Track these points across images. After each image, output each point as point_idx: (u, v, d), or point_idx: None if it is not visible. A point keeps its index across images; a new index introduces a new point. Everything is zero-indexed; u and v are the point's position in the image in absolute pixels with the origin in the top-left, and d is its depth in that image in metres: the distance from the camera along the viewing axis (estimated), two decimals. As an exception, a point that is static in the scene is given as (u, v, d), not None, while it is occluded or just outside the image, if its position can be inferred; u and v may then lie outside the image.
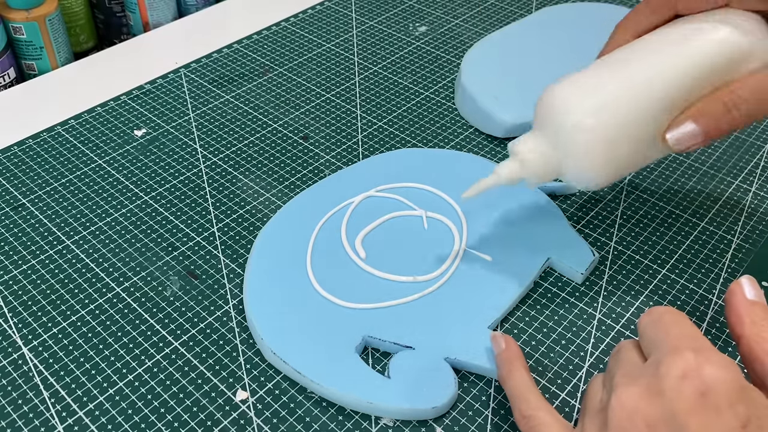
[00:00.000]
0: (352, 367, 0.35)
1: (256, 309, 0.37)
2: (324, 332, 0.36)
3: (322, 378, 0.34)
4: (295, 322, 0.37)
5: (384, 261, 0.40)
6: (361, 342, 0.36)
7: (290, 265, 0.40)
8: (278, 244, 0.41)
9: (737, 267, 0.41)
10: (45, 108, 0.54)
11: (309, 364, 0.35)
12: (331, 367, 0.35)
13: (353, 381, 0.34)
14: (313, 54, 0.60)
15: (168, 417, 0.34)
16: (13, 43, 0.58)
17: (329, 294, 0.38)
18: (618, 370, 0.28)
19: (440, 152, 0.48)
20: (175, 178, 0.47)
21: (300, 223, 0.42)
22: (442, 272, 0.40)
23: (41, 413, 0.34)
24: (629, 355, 0.28)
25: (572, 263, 0.40)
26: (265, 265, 0.40)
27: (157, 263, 0.41)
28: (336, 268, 0.40)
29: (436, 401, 0.34)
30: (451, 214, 0.43)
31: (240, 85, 0.56)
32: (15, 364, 0.36)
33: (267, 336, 0.36)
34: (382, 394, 0.34)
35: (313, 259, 0.40)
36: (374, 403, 0.34)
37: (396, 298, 0.38)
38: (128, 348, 0.37)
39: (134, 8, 0.64)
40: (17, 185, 0.47)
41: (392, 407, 0.34)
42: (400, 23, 0.64)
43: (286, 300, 0.38)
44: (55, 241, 0.43)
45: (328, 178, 0.46)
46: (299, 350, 0.36)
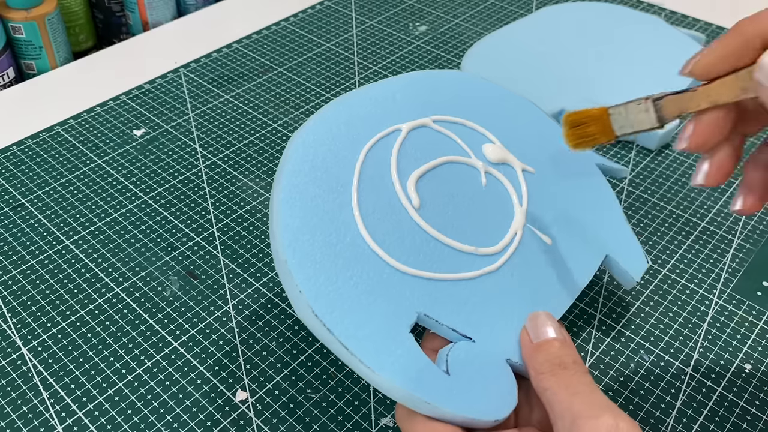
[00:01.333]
0: (408, 352, 0.28)
1: (291, 245, 0.29)
2: (374, 299, 0.29)
3: (372, 359, 0.28)
4: (339, 278, 0.29)
5: (438, 217, 0.33)
6: (415, 320, 0.30)
7: (332, 198, 0.31)
8: (317, 162, 0.32)
9: (738, 267, 0.41)
10: (44, 108, 0.54)
11: (357, 339, 0.28)
12: (382, 347, 0.28)
13: (409, 371, 0.28)
14: (312, 54, 0.60)
15: (167, 417, 0.34)
16: (12, 42, 0.58)
17: (380, 248, 0.31)
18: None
19: (510, 95, 0.40)
20: (174, 178, 0.47)
21: (342, 139, 0.33)
22: (503, 248, 0.33)
23: (40, 413, 0.34)
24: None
25: (628, 267, 0.36)
26: (300, 189, 0.31)
27: (157, 263, 0.41)
28: (385, 215, 0.32)
29: (498, 412, 0.28)
30: (511, 174, 0.36)
31: (240, 85, 0.56)
32: (14, 365, 0.36)
33: (307, 289, 0.29)
34: (444, 397, 0.28)
35: (359, 196, 0.32)
36: (433, 404, 0.27)
37: (455, 270, 0.32)
38: (128, 348, 0.37)
39: (133, 8, 0.64)
40: (16, 185, 0.47)
41: (450, 414, 0.28)
42: (400, 23, 0.64)
43: (327, 244, 0.30)
44: (54, 241, 0.43)
45: (371, 86, 0.36)
46: (345, 317, 0.29)
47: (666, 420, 0.34)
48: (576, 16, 0.59)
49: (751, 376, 0.36)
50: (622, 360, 0.37)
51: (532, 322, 0.30)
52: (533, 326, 0.30)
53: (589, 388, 0.27)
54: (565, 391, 0.27)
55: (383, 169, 0.33)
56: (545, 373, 0.28)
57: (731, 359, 0.36)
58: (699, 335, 0.38)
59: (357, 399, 0.35)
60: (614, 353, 0.37)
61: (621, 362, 0.36)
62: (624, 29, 0.57)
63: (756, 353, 0.37)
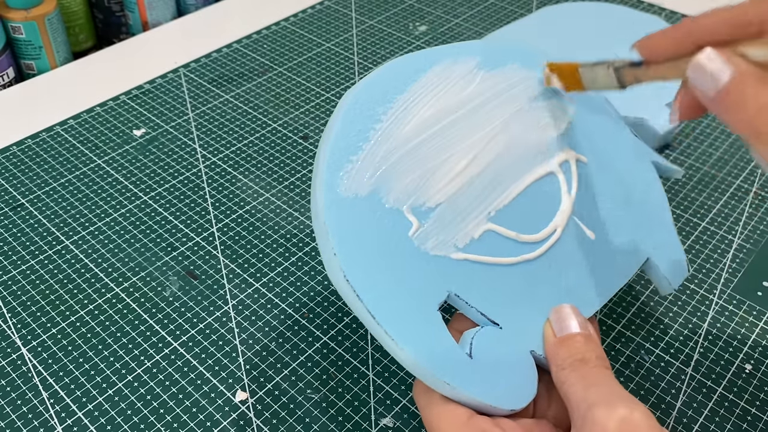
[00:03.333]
0: (434, 330, 0.28)
1: (330, 206, 0.29)
2: (407, 272, 0.29)
3: (398, 333, 0.27)
4: (375, 247, 0.29)
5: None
6: (445, 299, 0.30)
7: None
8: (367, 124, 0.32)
9: (738, 267, 0.41)
10: (44, 108, 0.54)
11: (385, 309, 0.28)
12: (409, 321, 0.28)
13: (433, 349, 0.28)
14: (312, 53, 0.60)
15: (167, 418, 0.34)
16: (12, 42, 0.58)
17: (419, 221, 0.31)
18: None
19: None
20: (174, 178, 0.47)
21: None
22: (545, 237, 0.33)
23: (40, 414, 0.34)
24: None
25: (668, 273, 0.35)
26: (347, 150, 0.31)
27: (157, 263, 0.41)
28: None
29: (516, 402, 0.28)
30: (563, 163, 0.35)
31: (239, 85, 0.56)
32: (14, 365, 0.36)
33: (342, 252, 0.28)
34: (465, 379, 0.28)
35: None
36: (452, 386, 0.27)
37: (493, 253, 0.31)
38: (127, 348, 0.37)
39: (133, 8, 0.64)
40: (16, 185, 0.47)
41: (468, 397, 0.28)
42: (400, 23, 0.64)
43: (368, 210, 0.30)
44: (54, 241, 0.43)
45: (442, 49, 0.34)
46: (376, 286, 0.28)
47: (666, 420, 0.34)
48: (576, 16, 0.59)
49: (752, 376, 0.36)
50: (622, 360, 0.36)
51: (556, 315, 0.30)
52: (557, 320, 0.30)
53: (608, 381, 0.27)
54: (582, 382, 0.27)
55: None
56: (566, 368, 0.28)
57: (731, 359, 0.36)
58: (699, 335, 0.38)
59: (357, 399, 0.35)
60: (614, 353, 0.37)
61: (621, 362, 0.36)
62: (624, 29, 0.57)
63: (756, 353, 0.37)
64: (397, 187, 0.31)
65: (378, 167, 0.31)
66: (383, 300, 0.28)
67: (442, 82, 0.33)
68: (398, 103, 0.32)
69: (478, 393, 0.28)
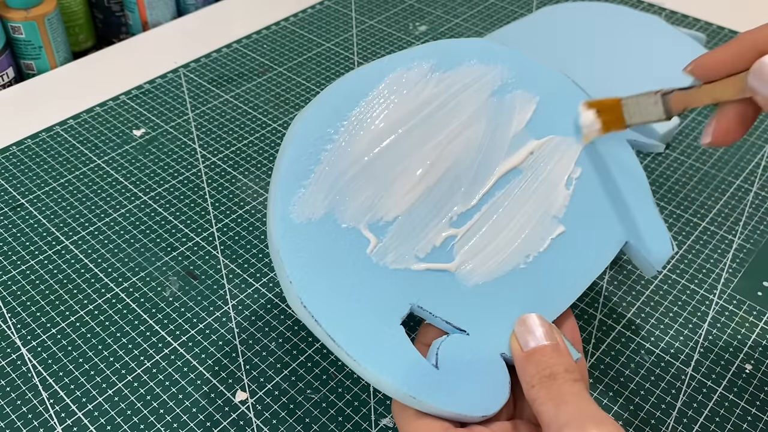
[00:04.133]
0: (397, 345, 0.28)
1: (284, 235, 0.29)
2: (366, 290, 0.29)
3: (359, 352, 0.28)
4: (330, 268, 0.29)
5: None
6: (407, 311, 0.30)
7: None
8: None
9: (738, 267, 0.41)
10: (44, 108, 0.54)
11: (345, 330, 0.28)
12: (370, 340, 0.28)
13: (396, 365, 0.28)
14: (312, 53, 0.60)
15: (167, 418, 0.34)
16: (12, 42, 0.58)
17: (374, 237, 0.30)
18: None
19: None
20: (174, 178, 0.47)
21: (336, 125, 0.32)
22: None
23: (40, 414, 0.34)
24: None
25: (650, 255, 0.34)
26: (299, 176, 0.30)
27: (156, 263, 0.41)
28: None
29: (486, 408, 0.28)
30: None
31: (239, 85, 0.56)
32: (14, 365, 0.36)
33: (297, 279, 0.28)
34: (430, 391, 0.28)
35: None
36: (418, 399, 0.27)
37: (449, 259, 0.31)
38: (127, 348, 0.37)
39: (133, 8, 0.64)
40: (16, 185, 0.47)
41: (436, 408, 0.27)
42: (400, 23, 0.64)
43: (321, 233, 0.30)
44: (54, 241, 0.43)
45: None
46: (334, 308, 0.28)
47: (666, 420, 0.34)
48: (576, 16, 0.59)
49: (752, 376, 0.36)
50: (623, 360, 0.36)
51: (521, 327, 0.29)
52: (522, 332, 0.29)
53: (578, 397, 0.26)
54: (552, 401, 0.26)
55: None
56: (535, 385, 0.27)
57: (731, 359, 0.36)
58: (699, 335, 0.38)
59: (357, 399, 0.35)
60: (614, 353, 0.37)
61: (621, 362, 0.36)
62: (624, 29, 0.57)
63: (756, 353, 0.37)
64: (352, 205, 0.30)
65: (331, 188, 0.30)
66: (343, 321, 0.28)
67: (395, 92, 0.33)
68: (350, 120, 0.32)
69: (446, 403, 0.28)
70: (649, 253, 0.34)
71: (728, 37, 0.62)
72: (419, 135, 0.32)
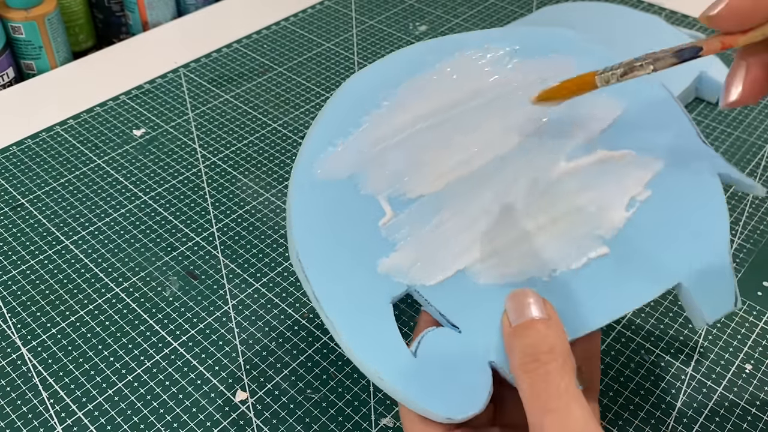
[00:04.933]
0: (381, 322, 0.27)
1: (304, 188, 0.29)
2: (366, 260, 0.28)
3: (339, 318, 0.27)
4: (337, 230, 0.29)
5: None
6: (404, 292, 0.28)
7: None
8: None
9: (738, 267, 0.41)
10: (44, 108, 0.54)
11: (332, 294, 0.28)
12: (355, 309, 0.27)
13: (374, 341, 0.27)
14: (312, 53, 0.60)
15: (167, 417, 0.34)
16: (12, 42, 0.58)
17: (389, 206, 0.29)
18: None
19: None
20: (174, 178, 0.47)
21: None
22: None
23: (40, 414, 0.34)
24: None
25: (704, 305, 0.29)
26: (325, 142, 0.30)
27: (157, 263, 0.41)
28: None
29: (453, 411, 0.26)
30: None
31: (239, 85, 0.56)
32: (14, 365, 0.36)
33: (300, 231, 0.28)
34: (399, 376, 0.26)
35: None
36: (385, 381, 0.26)
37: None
38: (127, 348, 0.37)
39: (133, 8, 0.64)
40: (16, 185, 0.47)
41: (400, 393, 0.26)
42: (400, 22, 0.64)
43: (339, 194, 0.29)
44: (54, 241, 0.43)
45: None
46: (328, 269, 0.28)
47: (666, 420, 0.34)
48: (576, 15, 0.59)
49: (752, 376, 0.36)
50: (622, 360, 0.36)
51: (513, 301, 0.27)
52: (514, 306, 0.27)
53: (564, 402, 0.24)
54: (537, 402, 0.24)
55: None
56: (519, 365, 0.25)
57: (731, 359, 0.36)
58: (699, 335, 0.38)
59: (357, 399, 0.35)
60: (614, 353, 0.37)
61: (621, 362, 0.36)
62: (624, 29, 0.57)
63: (756, 353, 0.37)
64: (377, 175, 0.30)
65: (361, 153, 0.30)
66: (332, 285, 0.28)
67: (459, 71, 0.31)
68: (402, 91, 0.31)
69: (411, 393, 0.26)
70: (704, 303, 0.30)
71: (728, 37, 0.62)
72: (472, 120, 0.31)
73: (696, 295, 0.29)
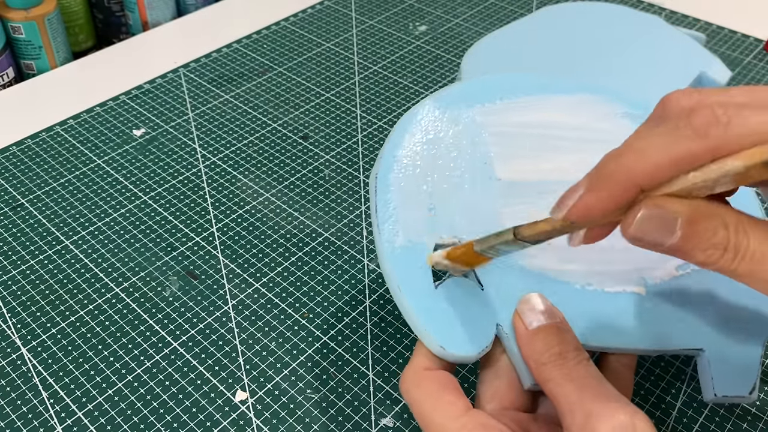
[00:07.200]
0: (418, 246, 0.30)
1: (424, 110, 0.33)
2: (424, 200, 0.31)
3: (388, 232, 0.30)
4: (430, 155, 0.32)
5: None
6: (452, 238, 0.31)
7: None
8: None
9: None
10: (44, 108, 0.54)
11: (389, 206, 0.30)
12: (401, 231, 0.30)
13: (405, 259, 0.29)
14: (312, 53, 0.60)
15: (167, 418, 0.34)
16: (12, 42, 0.58)
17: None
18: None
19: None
20: (174, 178, 0.47)
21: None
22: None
23: (40, 414, 0.34)
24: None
25: (717, 380, 0.30)
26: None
27: (157, 263, 0.41)
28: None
29: (452, 343, 0.27)
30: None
31: (239, 85, 0.56)
32: (14, 365, 0.36)
33: (389, 150, 0.32)
34: (415, 294, 0.28)
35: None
36: (402, 293, 0.28)
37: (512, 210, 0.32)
38: (127, 348, 0.37)
39: (133, 8, 0.64)
40: (16, 185, 0.47)
41: (409, 309, 0.28)
42: (400, 22, 0.64)
43: (449, 132, 0.33)
44: (54, 241, 0.43)
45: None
46: (398, 184, 0.31)
47: (666, 420, 0.34)
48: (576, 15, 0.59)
49: (752, 376, 0.36)
50: (623, 360, 0.36)
51: (525, 305, 0.28)
52: (526, 310, 0.28)
53: (597, 380, 0.26)
54: (571, 384, 0.26)
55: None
56: (546, 363, 0.27)
57: (731, 359, 0.36)
58: (699, 335, 0.38)
59: (357, 399, 0.35)
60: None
61: (621, 362, 0.36)
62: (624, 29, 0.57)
63: (756, 353, 0.37)
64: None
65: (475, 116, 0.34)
66: (391, 198, 0.30)
67: (579, 106, 0.36)
68: (524, 96, 0.36)
69: (420, 313, 0.28)
70: (718, 379, 0.30)
71: (728, 37, 0.62)
72: (571, 147, 0.35)
73: (714, 371, 0.30)
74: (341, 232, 0.43)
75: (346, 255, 0.42)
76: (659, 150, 0.22)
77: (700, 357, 0.30)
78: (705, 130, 0.21)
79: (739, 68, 0.58)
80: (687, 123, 0.22)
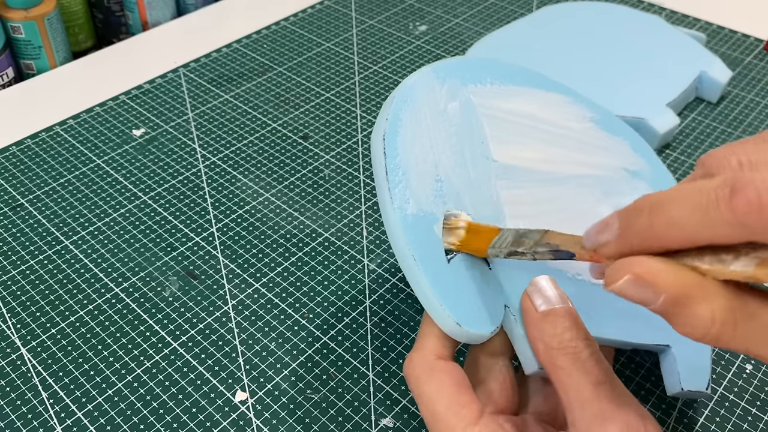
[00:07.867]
0: (429, 217, 0.29)
1: (421, 82, 0.33)
2: (447, 162, 0.32)
3: (398, 198, 0.29)
4: (418, 117, 0.32)
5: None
6: (459, 210, 0.31)
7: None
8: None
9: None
10: (43, 108, 0.54)
11: (400, 171, 0.30)
12: (415, 200, 0.29)
13: (416, 225, 0.29)
14: (312, 53, 0.60)
15: (167, 418, 0.34)
16: (11, 42, 0.58)
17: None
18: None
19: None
20: (174, 178, 0.47)
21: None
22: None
23: (40, 414, 0.34)
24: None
25: (684, 372, 0.31)
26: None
27: (156, 263, 0.41)
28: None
29: (461, 315, 0.27)
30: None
31: (239, 85, 0.56)
32: (14, 365, 0.36)
33: (393, 118, 0.31)
34: (428, 266, 0.28)
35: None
36: (416, 261, 0.28)
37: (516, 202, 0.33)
38: (127, 349, 0.37)
39: (133, 7, 0.64)
40: (16, 185, 0.46)
41: (418, 275, 0.28)
42: (400, 22, 0.64)
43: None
44: (53, 241, 0.43)
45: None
46: (405, 151, 0.30)
47: (666, 420, 0.34)
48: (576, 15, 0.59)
49: (752, 376, 0.36)
50: (623, 360, 0.36)
51: (535, 287, 0.28)
52: (536, 292, 0.27)
53: (610, 377, 0.25)
54: (586, 378, 0.25)
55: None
56: (556, 348, 0.26)
57: (732, 359, 0.36)
58: (699, 335, 0.38)
59: (357, 399, 0.35)
60: (614, 353, 0.37)
61: (621, 362, 0.36)
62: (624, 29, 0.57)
63: (756, 353, 0.37)
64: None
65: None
66: (399, 167, 0.29)
67: (550, 104, 0.37)
68: (514, 86, 0.37)
69: (432, 280, 0.27)
70: (683, 374, 0.32)
71: (728, 37, 0.62)
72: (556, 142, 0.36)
73: (680, 363, 0.32)
74: (341, 232, 0.43)
75: (346, 255, 0.42)
76: (695, 228, 0.21)
77: (665, 353, 0.32)
78: (744, 220, 0.20)
79: (739, 68, 0.58)
80: (728, 208, 0.20)
